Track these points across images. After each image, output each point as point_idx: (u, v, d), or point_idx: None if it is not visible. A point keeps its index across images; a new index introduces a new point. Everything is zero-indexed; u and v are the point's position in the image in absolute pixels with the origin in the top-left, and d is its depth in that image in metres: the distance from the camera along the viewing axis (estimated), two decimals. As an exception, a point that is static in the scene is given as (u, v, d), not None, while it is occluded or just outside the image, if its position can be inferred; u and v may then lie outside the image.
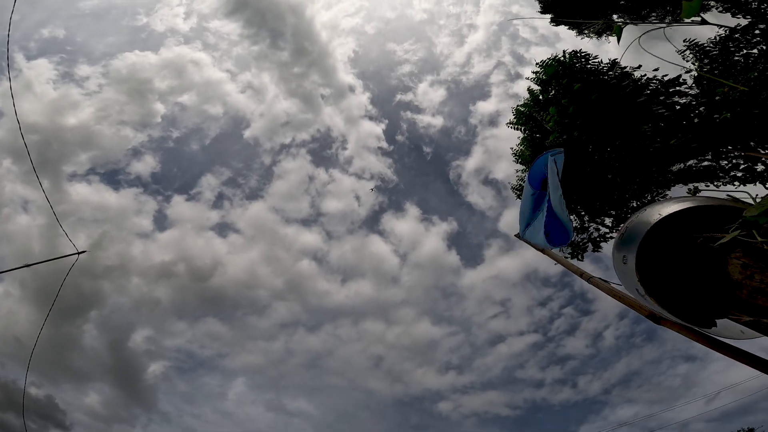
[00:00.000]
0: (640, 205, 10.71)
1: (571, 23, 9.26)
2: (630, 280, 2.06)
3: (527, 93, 10.49)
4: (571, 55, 8.96)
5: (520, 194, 12.08)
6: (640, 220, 1.98)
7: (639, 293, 2.04)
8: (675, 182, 10.15)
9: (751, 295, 1.59)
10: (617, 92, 7.91)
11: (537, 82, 9.90)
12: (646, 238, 1.89)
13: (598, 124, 8.22)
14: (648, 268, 1.95)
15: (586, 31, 12.35)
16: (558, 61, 8.99)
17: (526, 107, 10.67)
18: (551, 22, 12.43)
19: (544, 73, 9.36)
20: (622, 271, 2.14)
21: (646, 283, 1.95)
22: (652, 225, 1.88)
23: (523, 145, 11.19)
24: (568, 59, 8.95)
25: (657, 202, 2.04)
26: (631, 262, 1.98)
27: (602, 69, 8.57)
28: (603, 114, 8.13)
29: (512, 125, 11.33)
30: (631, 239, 1.99)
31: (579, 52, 8.98)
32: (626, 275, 2.09)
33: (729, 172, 9.47)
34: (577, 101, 8.20)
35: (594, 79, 8.30)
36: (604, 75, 8.41)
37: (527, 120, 10.76)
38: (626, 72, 8.17)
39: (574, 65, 8.85)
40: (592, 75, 8.58)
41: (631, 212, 10.96)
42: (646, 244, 1.90)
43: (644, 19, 10.87)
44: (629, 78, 8.06)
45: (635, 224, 2.00)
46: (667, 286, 1.94)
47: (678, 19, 2.77)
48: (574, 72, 8.69)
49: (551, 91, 9.57)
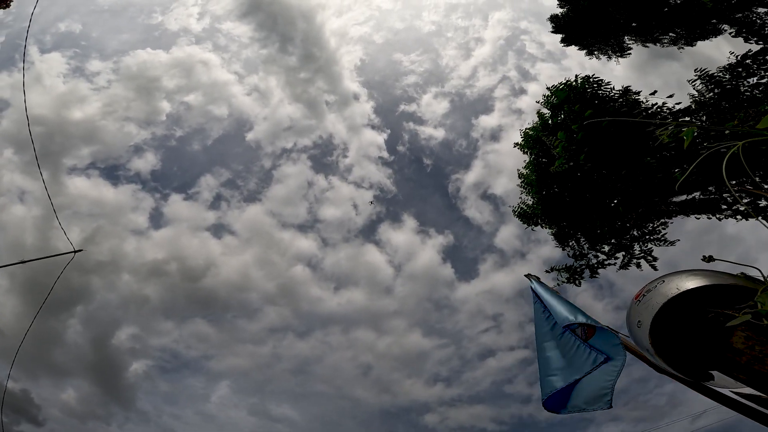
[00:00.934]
0: (641, 235, 10.87)
1: (648, 123, 8.95)
2: (642, 340, 2.26)
3: (536, 116, 10.64)
4: (583, 80, 9.11)
5: (523, 220, 12.18)
6: (659, 291, 2.16)
7: (649, 352, 2.27)
8: (677, 213, 10.31)
9: (749, 362, 1.85)
10: (627, 121, 8.06)
11: (547, 106, 10.04)
12: (661, 309, 2.08)
13: (606, 151, 8.38)
14: (659, 333, 2.15)
15: (596, 53, 12.54)
16: (570, 87, 9.14)
17: (535, 131, 10.81)
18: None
19: (555, 98, 9.51)
20: (634, 331, 2.33)
21: (657, 345, 2.16)
22: (669, 299, 2.06)
23: (529, 169, 11.28)
24: (580, 84, 9.11)
25: (675, 275, 2.22)
26: (645, 327, 2.17)
27: (613, 96, 8.73)
28: (611, 142, 8.28)
29: (520, 147, 11.45)
30: (647, 307, 2.17)
31: (591, 77, 9.13)
32: (638, 336, 2.29)
33: (732, 206, 9.65)
34: (587, 128, 8.35)
35: (605, 106, 8.45)
36: (615, 102, 8.57)
37: (535, 143, 10.89)
38: (637, 100, 8.32)
39: (586, 90, 9.01)
40: (603, 102, 8.74)
41: (631, 240, 11.13)
42: (661, 314, 2.10)
43: (656, 41, 11.04)
44: (639, 106, 8.22)
45: (653, 294, 2.18)
46: (675, 348, 2.17)
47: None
48: (585, 98, 8.85)
49: (560, 116, 9.73)
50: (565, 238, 11.43)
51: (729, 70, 7.63)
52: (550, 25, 13.17)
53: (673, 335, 2.14)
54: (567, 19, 12.27)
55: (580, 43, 12.25)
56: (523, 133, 11.21)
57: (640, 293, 2.35)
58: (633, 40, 11.36)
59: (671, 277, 2.26)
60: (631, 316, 2.34)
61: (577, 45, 12.53)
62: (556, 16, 12.84)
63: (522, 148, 11.24)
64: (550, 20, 13.21)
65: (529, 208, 11.72)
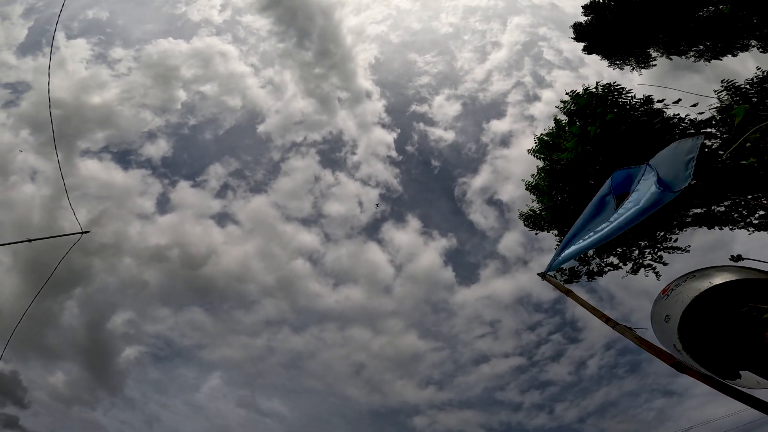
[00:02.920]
0: (651, 244, 10.79)
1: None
2: (669, 335, 2.23)
3: (553, 122, 10.59)
4: (604, 87, 9.05)
5: (529, 224, 12.15)
6: (689, 285, 2.15)
7: (675, 348, 2.22)
8: (691, 225, 10.22)
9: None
10: (646, 129, 8.01)
11: (566, 112, 9.99)
12: (692, 303, 2.06)
13: (622, 158, 8.31)
14: (688, 328, 2.12)
15: (618, 63, 12.46)
16: (590, 94, 9.09)
17: (550, 137, 10.75)
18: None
19: (574, 104, 9.45)
20: (661, 326, 2.30)
21: (685, 340, 2.13)
22: (701, 293, 2.05)
23: (540, 176, 11.21)
24: (602, 91, 9.05)
25: (705, 270, 2.21)
26: (673, 322, 2.15)
27: (635, 104, 8.66)
28: (629, 148, 8.22)
29: (534, 153, 11.38)
30: (677, 301, 2.15)
31: (612, 84, 9.07)
32: (665, 331, 2.26)
33: (746, 218, 9.57)
34: (606, 130, 8.31)
35: (625, 114, 8.40)
36: (636, 111, 8.51)
37: (549, 149, 10.83)
38: (659, 110, 8.25)
39: (607, 98, 8.95)
40: (623, 110, 8.68)
41: (639, 249, 11.04)
42: (691, 309, 2.08)
43: (681, 54, 10.96)
44: (660, 116, 8.15)
45: (683, 288, 2.17)
46: (703, 345, 2.13)
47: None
48: (606, 105, 8.79)
49: (577, 122, 9.66)
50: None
51: (756, 84, 7.56)
52: (573, 33, 13.12)
53: (702, 331, 2.11)
54: (591, 28, 12.21)
55: (603, 52, 12.19)
56: (537, 139, 11.15)
57: (668, 288, 2.33)
58: (658, 52, 11.28)
59: (701, 273, 2.25)
60: (658, 311, 2.33)
61: (599, 54, 12.46)
62: (579, 24, 12.79)
63: (535, 154, 11.18)
64: (573, 28, 13.16)
65: (536, 213, 11.69)
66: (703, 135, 2.84)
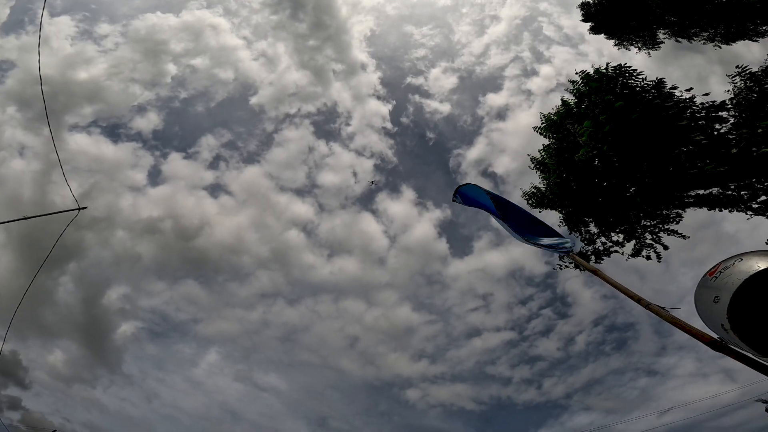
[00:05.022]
0: (653, 225, 11.01)
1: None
2: (717, 315, 2.35)
3: (560, 102, 10.59)
4: (615, 69, 9.04)
5: (532, 202, 12.28)
6: (738, 268, 2.26)
7: (723, 328, 2.35)
8: (693, 205, 10.43)
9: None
10: (659, 113, 8.05)
11: (575, 93, 9.98)
12: (743, 284, 2.18)
13: (632, 143, 8.38)
14: (738, 310, 2.24)
15: (625, 43, 12.39)
16: (601, 74, 9.07)
17: (558, 116, 10.76)
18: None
19: (585, 85, 9.44)
20: (708, 307, 2.42)
21: (734, 321, 2.26)
22: (751, 275, 2.16)
23: (546, 153, 11.28)
24: (612, 73, 9.04)
25: (752, 254, 2.31)
26: (723, 303, 2.26)
27: (645, 86, 8.68)
28: (640, 134, 8.28)
29: (539, 131, 11.42)
30: (726, 283, 2.27)
31: (623, 66, 9.05)
32: (713, 311, 2.38)
33: (747, 202, 9.79)
34: (616, 119, 8.34)
35: (636, 97, 8.42)
36: (647, 93, 8.53)
37: (556, 129, 10.87)
38: (670, 93, 8.28)
39: (618, 80, 8.95)
40: (634, 93, 8.69)
41: (641, 230, 11.27)
42: (742, 289, 2.19)
43: (691, 37, 10.91)
44: (673, 99, 8.18)
45: (732, 270, 2.28)
46: (751, 326, 2.26)
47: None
48: (616, 88, 8.80)
49: (585, 103, 9.68)
50: (575, 222, 11.53)
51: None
52: (580, 13, 12.95)
53: (751, 313, 2.23)
54: (599, 8, 12.06)
55: (610, 32, 12.08)
56: (544, 117, 11.17)
57: (715, 270, 2.44)
58: (667, 35, 11.21)
59: (749, 256, 2.35)
60: (705, 293, 2.44)
61: (606, 34, 12.36)
62: (587, 3, 12.61)
63: (541, 132, 11.21)
64: (581, 7, 12.98)
65: (540, 192, 11.80)
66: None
